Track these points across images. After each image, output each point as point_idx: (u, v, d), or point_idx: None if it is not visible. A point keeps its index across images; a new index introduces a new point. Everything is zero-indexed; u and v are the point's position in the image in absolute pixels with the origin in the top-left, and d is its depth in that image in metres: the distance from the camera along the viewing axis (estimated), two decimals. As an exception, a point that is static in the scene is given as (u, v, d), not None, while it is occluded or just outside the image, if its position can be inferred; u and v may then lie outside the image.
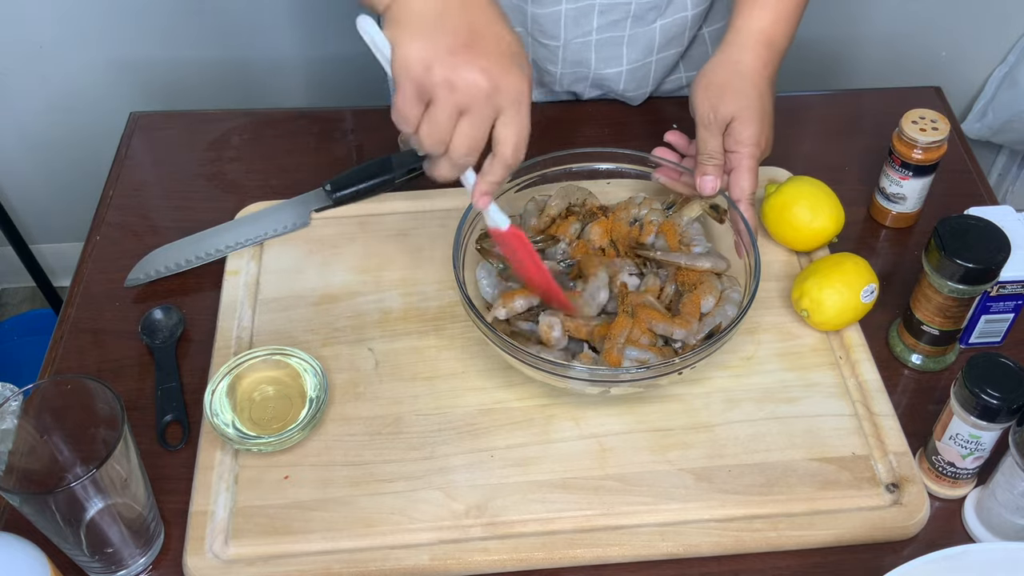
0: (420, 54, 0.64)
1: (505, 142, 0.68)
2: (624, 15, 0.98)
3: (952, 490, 0.77)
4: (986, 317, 0.84)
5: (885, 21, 1.72)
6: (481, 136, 0.67)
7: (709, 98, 0.84)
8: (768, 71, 0.85)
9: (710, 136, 0.84)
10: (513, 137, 0.68)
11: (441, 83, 0.64)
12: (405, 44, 0.65)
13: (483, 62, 0.65)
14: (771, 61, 0.85)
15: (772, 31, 0.85)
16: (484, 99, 0.66)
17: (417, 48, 0.64)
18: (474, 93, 0.65)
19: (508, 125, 0.68)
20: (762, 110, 0.84)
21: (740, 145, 0.83)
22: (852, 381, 0.83)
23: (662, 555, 0.73)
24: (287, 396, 0.81)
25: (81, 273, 0.94)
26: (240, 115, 1.11)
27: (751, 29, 0.85)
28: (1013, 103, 1.76)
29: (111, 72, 1.70)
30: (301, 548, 0.73)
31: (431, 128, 0.66)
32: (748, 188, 0.83)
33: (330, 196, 0.97)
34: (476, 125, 0.67)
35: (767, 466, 0.77)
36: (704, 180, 0.84)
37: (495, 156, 0.69)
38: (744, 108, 0.83)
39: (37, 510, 0.65)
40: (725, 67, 0.85)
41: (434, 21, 0.65)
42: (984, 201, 0.99)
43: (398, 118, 0.67)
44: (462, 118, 0.66)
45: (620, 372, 0.76)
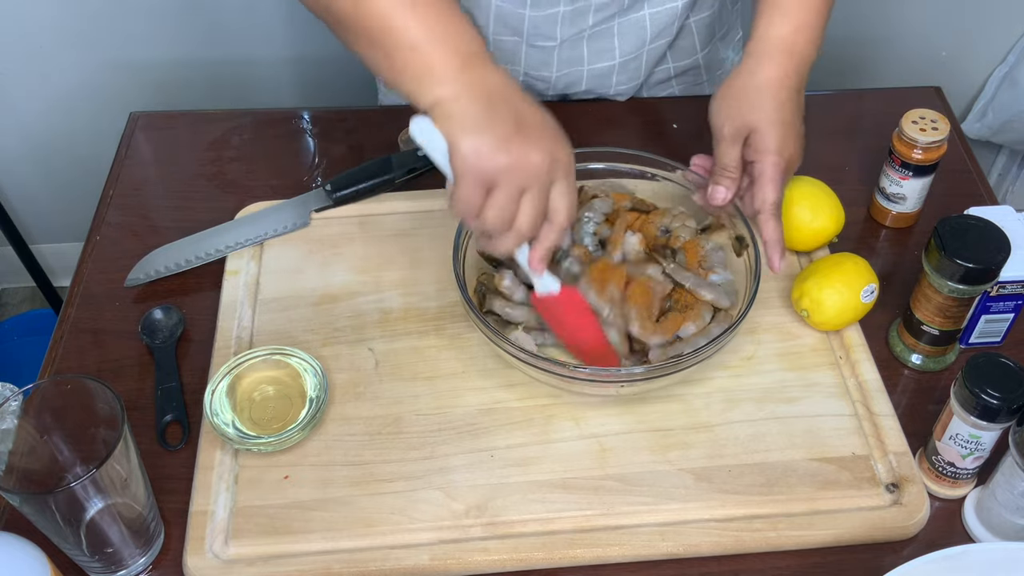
0: (480, 145, 0.67)
1: (560, 210, 0.72)
2: (618, 9, 0.98)
3: (952, 490, 0.77)
4: (986, 317, 0.84)
5: (885, 21, 1.72)
6: (543, 209, 0.71)
7: (726, 109, 0.82)
8: (791, 80, 0.82)
9: (726, 149, 0.82)
10: (567, 205, 0.72)
11: (504, 168, 0.68)
12: (464, 138, 0.68)
13: (538, 142, 0.69)
14: (794, 71, 0.82)
15: (794, 39, 0.82)
16: (543, 175, 0.69)
17: (476, 140, 0.67)
18: (535, 172, 0.69)
19: (562, 195, 0.72)
20: (782, 119, 0.81)
21: (760, 154, 0.81)
22: (852, 381, 0.83)
23: (662, 555, 0.73)
24: (287, 396, 0.81)
25: (81, 273, 0.94)
26: (240, 115, 1.11)
27: (771, 37, 0.83)
28: (1013, 103, 1.76)
29: (111, 72, 1.70)
30: (301, 548, 0.73)
31: (497, 212, 0.70)
32: (770, 198, 0.81)
33: (330, 196, 0.97)
34: (538, 200, 0.70)
35: (767, 466, 0.77)
36: (715, 190, 0.82)
37: (551, 223, 0.73)
38: (761, 118, 0.81)
39: (37, 510, 0.65)
40: (743, 78, 0.83)
41: (485, 114, 0.68)
42: (984, 201, 0.99)
43: (461, 208, 0.70)
44: (524, 197, 0.70)
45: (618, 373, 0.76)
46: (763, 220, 0.81)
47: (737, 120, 0.82)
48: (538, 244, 0.74)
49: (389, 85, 0.71)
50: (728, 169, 0.83)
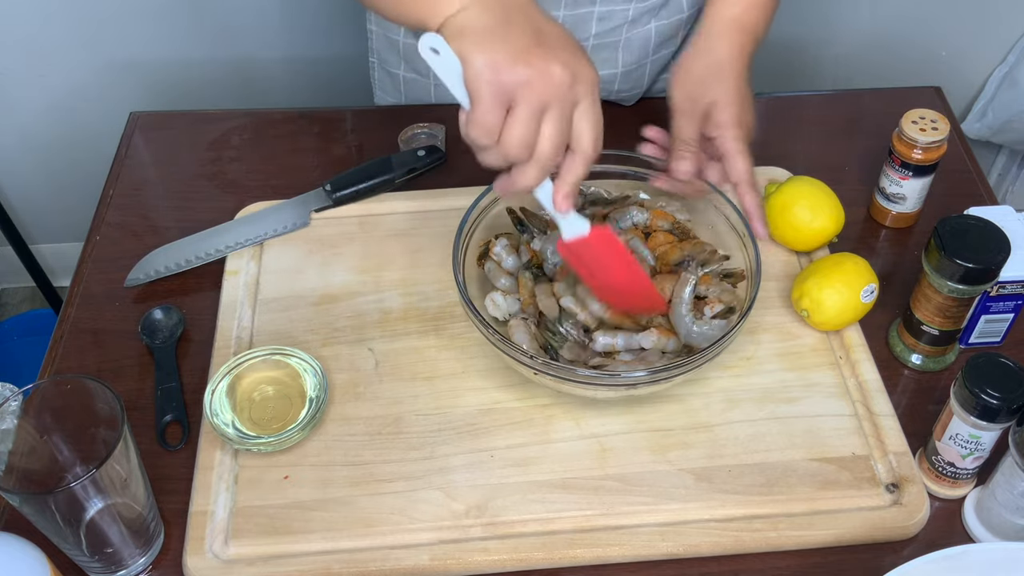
0: (496, 59, 0.63)
1: (584, 135, 0.67)
2: (622, 21, 0.98)
3: (952, 490, 0.77)
4: (986, 317, 0.84)
5: (885, 21, 1.72)
6: (566, 132, 0.66)
7: (686, 86, 0.83)
8: (744, 57, 0.84)
9: (686, 124, 0.83)
10: (592, 129, 0.67)
11: (523, 81, 0.63)
12: (478, 53, 0.63)
13: (559, 56, 0.64)
14: (746, 46, 0.85)
15: (745, 17, 0.85)
16: (566, 91, 0.64)
17: (491, 54, 0.63)
18: (557, 85, 0.64)
19: (586, 116, 0.67)
20: (739, 93, 0.83)
21: (721, 128, 0.82)
22: (852, 381, 0.83)
23: (662, 555, 0.73)
24: (287, 396, 0.81)
25: (81, 273, 0.94)
26: (240, 115, 1.11)
27: (724, 16, 0.85)
28: (1013, 103, 1.76)
29: (111, 72, 1.70)
30: (301, 548, 0.73)
31: (517, 132, 0.64)
32: (743, 168, 0.81)
33: (330, 196, 0.97)
34: (560, 120, 0.65)
35: (767, 466, 0.77)
36: (679, 164, 0.83)
37: (575, 152, 0.68)
38: (721, 93, 0.82)
39: (37, 510, 0.65)
40: (700, 55, 0.84)
41: (502, 27, 0.64)
42: (984, 201, 0.99)
43: (479, 131, 0.64)
44: (545, 116, 0.65)
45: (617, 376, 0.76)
46: (742, 191, 0.82)
47: (696, 96, 0.82)
48: (561, 179, 0.69)
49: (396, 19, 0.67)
50: (689, 144, 0.83)
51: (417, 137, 1.05)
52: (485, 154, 0.66)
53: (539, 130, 0.65)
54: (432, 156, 1.01)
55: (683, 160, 0.83)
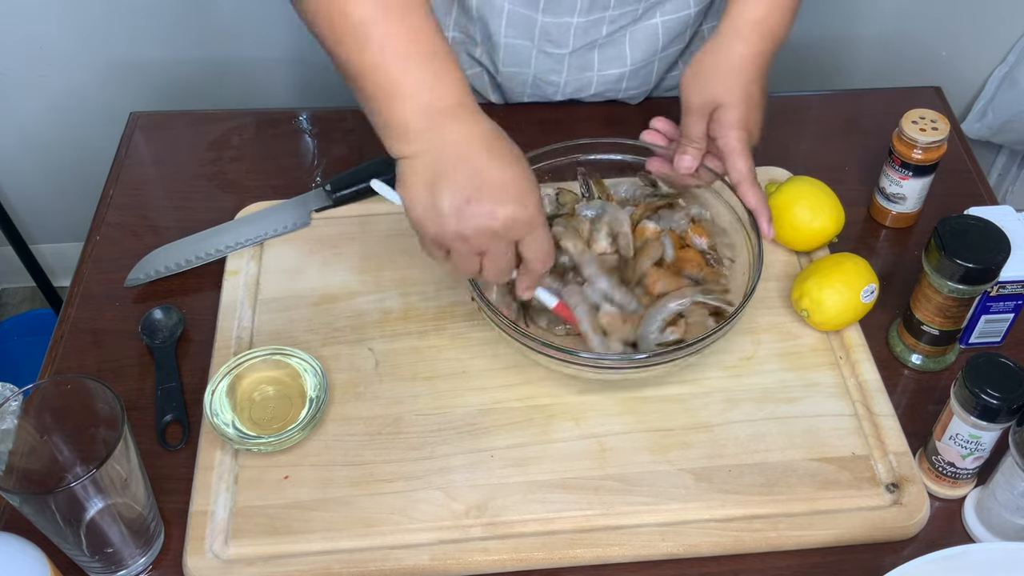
0: (428, 212, 0.69)
1: (531, 260, 0.73)
2: (632, 19, 0.98)
3: (952, 490, 0.77)
4: (986, 317, 0.84)
5: (885, 21, 1.72)
6: (507, 263, 0.72)
7: (696, 84, 0.84)
8: (760, 59, 0.84)
9: (694, 122, 0.84)
10: (536, 254, 0.72)
11: (454, 237, 0.69)
12: (415, 205, 0.69)
13: (489, 208, 0.68)
14: (764, 50, 0.84)
15: (766, 21, 0.84)
16: (498, 238, 0.69)
17: (422, 210, 0.69)
18: (487, 237, 0.69)
19: (529, 247, 0.71)
20: (747, 95, 0.83)
21: (725, 128, 0.82)
22: (852, 381, 0.83)
23: (662, 555, 0.73)
24: (287, 396, 0.81)
25: (81, 273, 0.94)
26: (240, 115, 1.11)
27: (745, 18, 0.84)
28: (1013, 103, 1.76)
29: (111, 72, 1.70)
30: (301, 548, 0.73)
31: (457, 267, 0.72)
32: (744, 168, 0.83)
33: (330, 196, 0.97)
34: (498, 258, 0.71)
35: (767, 466, 0.77)
36: (682, 158, 0.85)
37: (525, 270, 0.74)
38: (728, 93, 0.82)
39: (37, 510, 0.65)
40: (714, 54, 0.84)
41: (437, 181, 0.68)
42: (984, 201, 0.99)
43: (428, 256, 0.73)
44: (484, 257, 0.71)
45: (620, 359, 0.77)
46: (744, 190, 0.83)
47: (707, 95, 0.83)
48: (519, 282, 0.76)
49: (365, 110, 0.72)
50: (695, 140, 0.85)
51: (417, 137, 1.04)
52: None
53: (481, 264, 0.72)
54: (432, 156, 1.01)
55: (686, 156, 0.85)
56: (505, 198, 0.68)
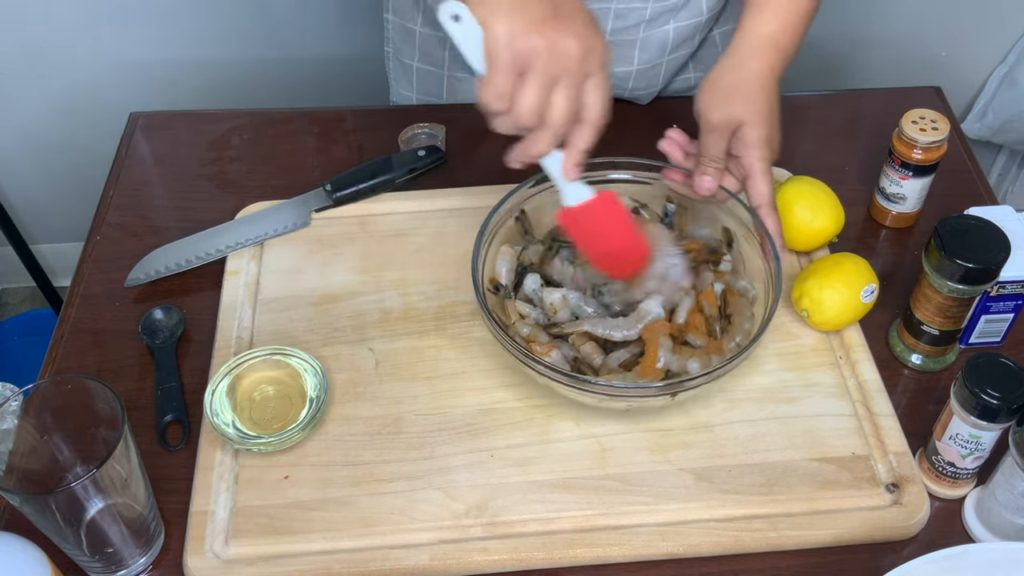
0: (514, 26, 0.66)
1: (593, 106, 0.70)
2: (639, 20, 0.98)
3: (952, 490, 0.77)
4: (986, 317, 0.84)
5: (885, 21, 1.72)
6: (576, 102, 0.69)
7: (716, 102, 0.83)
8: (775, 74, 0.85)
9: (714, 140, 0.83)
10: (601, 101, 0.70)
11: (538, 50, 0.66)
12: (497, 19, 0.66)
13: (574, 28, 0.67)
14: (778, 66, 0.85)
15: (779, 37, 0.84)
16: (577, 63, 0.67)
17: (510, 21, 0.66)
18: (569, 57, 0.67)
19: (595, 88, 0.69)
20: (770, 113, 0.83)
21: (750, 148, 0.82)
22: (852, 381, 0.83)
23: (662, 555, 0.73)
24: (287, 396, 0.81)
25: (81, 273, 0.94)
26: (240, 115, 1.11)
27: (760, 34, 0.84)
28: (1013, 103, 1.76)
29: (111, 72, 1.70)
30: (301, 548, 0.73)
31: (529, 98, 0.67)
32: (766, 192, 0.82)
33: (330, 196, 0.97)
34: (570, 90, 0.68)
35: (767, 466, 0.77)
36: (703, 180, 0.83)
37: (584, 122, 0.71)
38: (752, 112, 0.82)
39: (37, 510, 0.65)
40: (733, 71, 0.84)
41: None
42: (984, 201, 0.99)
43: (492, 95, 0.67)
44: (556, 86, 0.68)
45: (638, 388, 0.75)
46: (764, 214, 0.83)
47: (725, 112, 0.82)
48: (571, 147, 0.72)
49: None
50: (715, 160, 0.84)
51: (417, 137, 1.05)
52: (498, 120, 0.69)
53: (550, 99, 0.68)
54: (432, 156, 1.01)
55: (706, 177, 0.83)
56: (587, 23, 0.69)
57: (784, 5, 0.85)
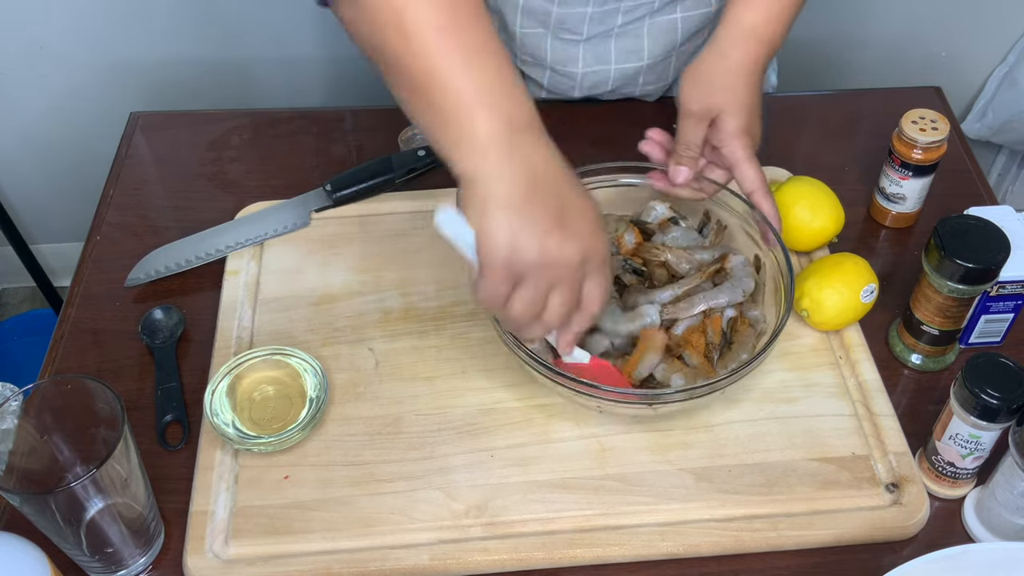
0: (509, 236, 0.63)
1: (592, 300, 0.69)
2: (648, 11, 0.98)
3: (952, 490, 0.77)
4: (986, 317, 0.84)
5: (885, 21, 1.72)
6: (574, 303, 0.68)
7: (696, 90, 0.83)
8: (758, 65, 0.84)
9: (691, 127, 0.83)
10: (599, 295, 0.69)
11: (535, 265, 0.64)
12: (494, 226, 0.63)
13: (574, 238, 0.64)
14: (761, 56, 0.84)
15: (764, 29, 0.84)
16: (576, 271, 0.66)
17: (508, 234, 0.63)
18: (567, 269, 0.65)
19: (596, 286, 0.68)
20: (750, 103, 0.83)
21: (730, 137, 0.82)
22: (852, 381, 0.83)
23: (662, 555, 0.73)
24: (287, 396, 0.81)
25: (81, 273, 0.94)
26: (240, 115, 1.11)
27: (743, 24, 0.84)
28: (1013, 103, 1.76)
29: (111, 72, 1.70)
30: (301, 548, 0.73)
31: (524, 305, 0.66)
32: (755, 176, 0.82)
33: (330, 196, 0.97)
34: (568, 295, 0.67)
35: (767, 466, 0.77)
36: (677, 170, 0.83)
37: (582, 311, 0.70)
38: (732, 102, 0.82)
39: (37, 510, 0.65)
40: (715, 60, 0.84)
41: (523, 204, 0.63)
42: (984, 201, 0.99)
43: (485, 299, 0.66)
44: (553, 292, 0.66)
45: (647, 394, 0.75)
46: (758, 199, 0.83)
47: (706, 101, 0.82)
48: (567, 329, 0.71)
49: (429, 140, 0.66)
50: (690, 148, 0.83)
51: (417, 137, 1.05)
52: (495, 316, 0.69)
53: (546, 302, 0.66)
54: (432, 156, 1.01)
55: (681, 168, 0.83)
56: (587, 227, 0.65)
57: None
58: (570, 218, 0.65)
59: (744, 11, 0.84)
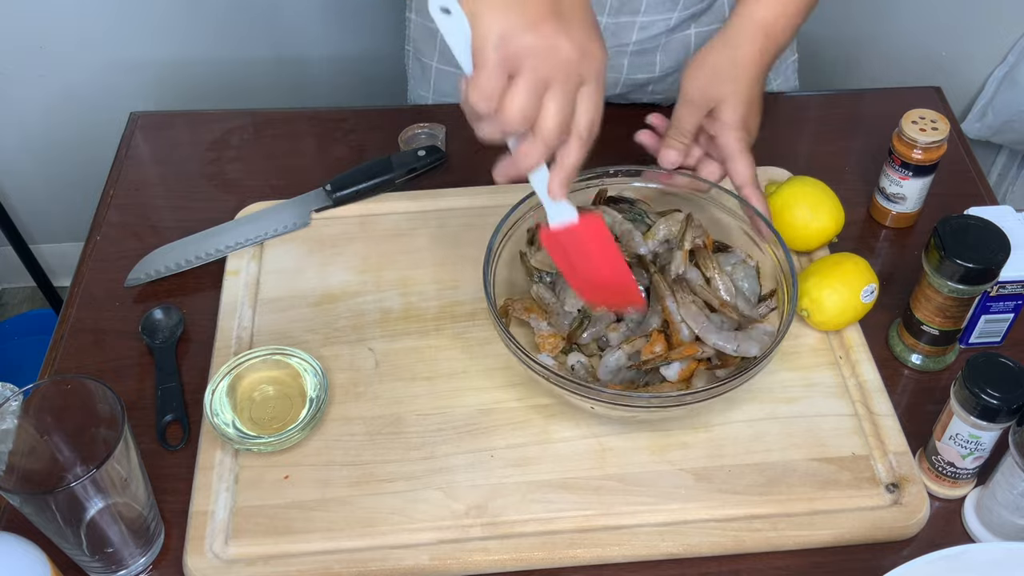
0: (506, 23, 0.61)
1: (582, 117, 0.66)
2: (663, 28, 0.98)
3: (952, 490, 0.77)
4: (986, 317, 0.84)
5: (885, 21, 1.72)
6: (570, 110, 0.64)
7: (699, 78, 0.83)
8: (764, 60, 0.84)
9: (688, 114, 0.83)
10: (591, 112, 0.66)
11: (530, 51, 0.61)
12: (489, 14, 0.61)
13: (572, 30, 0.63)
14: (768, 51, 0.84)
15: (775, 24, 0.84)
16: (572, 68, 0.63)
17: (503, 18, 0.61)
18: (563, 60, 0.62)
19: (587, 98, 0.65)
20: (750, 96, 0.83)
21: (726, 128, 0.82)
22: (852, 381, 0.82)
23: (662, 555, 0.73)
24: (287, 396, 0.81)
25: (81, 273, 0.94)
26: (240, 115, 1.11)
27: (754, 19, 0.84)
28: (1013, 103, 1.76)
29: (111, 72, 1.70)
30: (301, 548, 0.73)
31: (518, 101, 0.62)
32: (746, 171, 0.82)
33: (330, 196, 0.97)
34: (563, 96, 0.63)
35: (767, 466, 0.77)
36: (667, 153, 0.83)
37: (573, 134, 0.66)
38: (733, 92, 0.82)
39: (37, 510, 0.65)
40: (720, 51, 0.84)
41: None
42: (984, 201, 0.99)
43: (479, 97, 0.62)
44: (548, 91, 0.63)
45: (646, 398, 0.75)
46: (747, 193, 0.83)
47: (708, 90, 0.82)
48: (559, 164, 0.67)
49: None
50: (683, 132, 0.83)
51: (417, 137, 1.05)
52: (483, 125, 0.65)
53: (541, 104, 0.63)
54: (432, 156, 1.01)
55: (671, 150, 0.83)
56: (588, 28, 0.64)
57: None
58: (566, 12, 0.63)
59: (756, 6, 0.84)
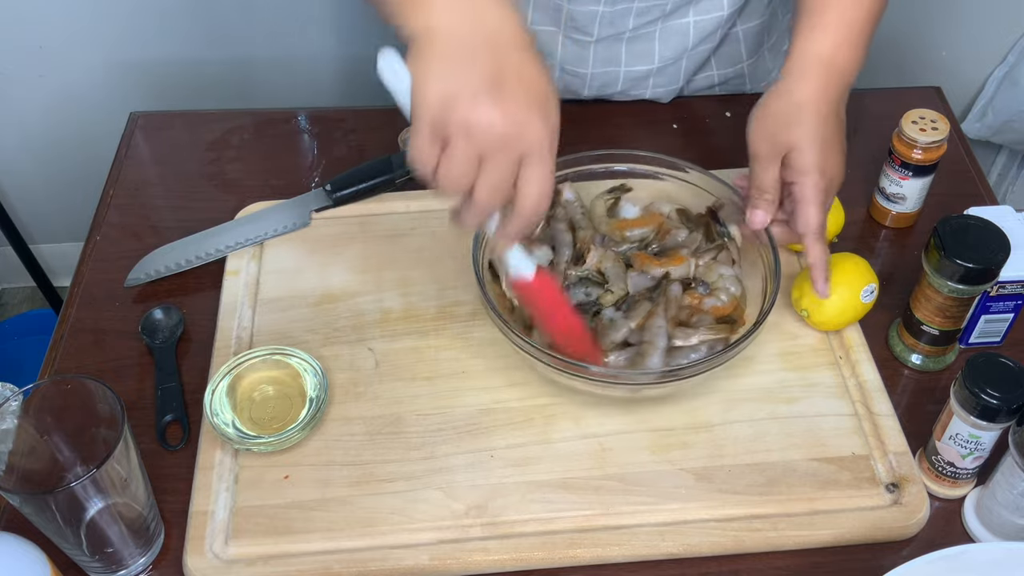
0: (441, 92, 0.60)
1: (525, 195, 0.64)
2: (660, 14, 0.98)
3: (952, 490, 0.77)
4: (986, 317, 0.84)
5: (885, 21, 1.71)
6: (504, 183, 0.63)
7: (764, 128, 0.79)
8: (831, 95, 0.79)
9: (763, 169, 0.79)
10: (533, 190, 0.64)
11: (459, 124, 0.60)
12: (427, 80, 0.60)
13: (506, 106, 0.60)
14: (832, 85, 0.79)
15: (834, 55, 0.79)
16: (503, 145, 0.61)
17: (439, 85, 0.60)
18: (492, 137, 0.61)
19: (529, 177, 0.63)
20: (823, 137, 0.78)
21: (799, 175, 0.77)
22: (852, 381, 0.83)
23: (662, 555, 0.73)
24: (287, 396, 0.81)
25: (81, 273, 0.94)
26: (240, 115, 1.11)
27: (810, 53, 0.79)
28: (1013, 103, 1.76)
29: (111, 72, 1.70)
30: (301, 548, 0.73)
31: (448, 171, 0.62)
32: (813, 221, 0.77)
33: (330, 196, 0.97)
34: (497, 171, 0.62)
35: (767, 466, 0.77)
36: (754, 214, 0.79)
37: (515, 211, 0.65)
38: (801, 136, 0.77)
39: (37, 510, 0.65)
40: (781, 97, 0.79)
41: (461, 59, 0.60)
42: (984, 201, 0.99)
43: (415, 159, 0.63)
44: (483, 165, 0.62)
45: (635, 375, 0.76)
46: (809, 243, 0.79)
47: (775, 139, 0.78)
48: (501, 229, 0.68)
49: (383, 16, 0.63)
50: (766, 191, 0.79)
51: (418, 137, 1.04)
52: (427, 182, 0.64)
53: (476, 177, 0.63)
54: (432, 156, 1.01)
55: (758, 211, 0.79)
56: (530, 101, 0.61)
57: (837, 19, 0.79)
58: (509, 85, 0.61)
59: (808, 41, 0.79)
